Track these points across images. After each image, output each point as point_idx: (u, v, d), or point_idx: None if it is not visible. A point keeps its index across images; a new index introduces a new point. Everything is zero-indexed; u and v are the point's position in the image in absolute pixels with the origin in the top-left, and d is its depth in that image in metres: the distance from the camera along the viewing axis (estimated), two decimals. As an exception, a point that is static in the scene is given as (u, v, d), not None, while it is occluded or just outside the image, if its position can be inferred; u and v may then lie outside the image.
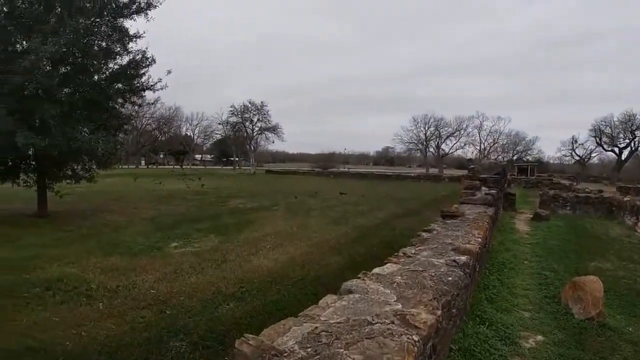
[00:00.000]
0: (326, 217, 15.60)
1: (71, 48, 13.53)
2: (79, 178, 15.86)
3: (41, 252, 10.10)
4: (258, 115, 68.47)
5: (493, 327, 5.04)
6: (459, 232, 6.59)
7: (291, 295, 6.75)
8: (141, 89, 16.49)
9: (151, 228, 13.44)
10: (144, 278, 7.96)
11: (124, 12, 15.22)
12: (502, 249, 9.55)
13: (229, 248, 10.45)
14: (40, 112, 12.81)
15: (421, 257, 4.89)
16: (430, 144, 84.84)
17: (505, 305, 5.96)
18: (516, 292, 6.70)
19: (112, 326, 5.78)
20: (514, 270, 8.02)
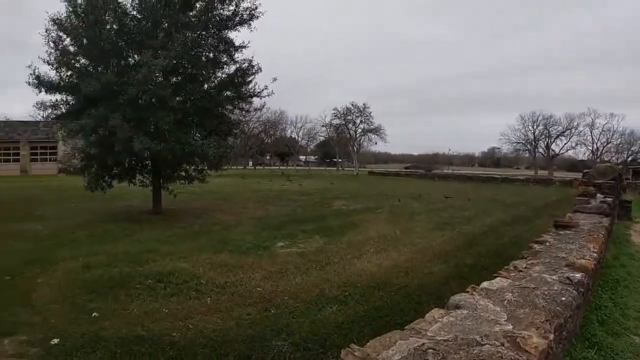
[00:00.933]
0: (431, 221, 15.19)
1: (181, 60, 14.40)
2: (191, 179, 16.78)
3: (155, 246, 10.75)
4: (361, 117, 68.74)
5: (602, 352, 4.59)
6: (573, 245, 6.11)
7: (394, 302, 6.55)
8: (248, 95, 17.08)
9: (259, 227, 13.79)
10: (251, 276, 8.16)
11: (228, 24, 15.85)
12: (617, 265, 8.67)
13: (333, 250, 10.44)
14: (155, 119, 13.72)
15: (533, 273, 4.57)
16: (539, 143, 78.80)
17: (616, 328, 5.39)
18: (629, 313, 6.01)
19: (218, 321, 5.97)
20: (628, 289, 7.22)
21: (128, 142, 13.24)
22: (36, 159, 48.27)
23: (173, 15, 14.19)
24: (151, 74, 13.16)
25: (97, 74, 14.07)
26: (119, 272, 8.23)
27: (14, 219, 14.78)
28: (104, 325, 5.80)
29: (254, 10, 15.77)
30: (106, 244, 11.01)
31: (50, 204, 19.29)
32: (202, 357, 4.96)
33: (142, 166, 16.47)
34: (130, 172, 16.24)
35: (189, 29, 14.78)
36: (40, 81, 14.54)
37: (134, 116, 13.74)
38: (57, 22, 14.41)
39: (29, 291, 7.32)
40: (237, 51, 16.31)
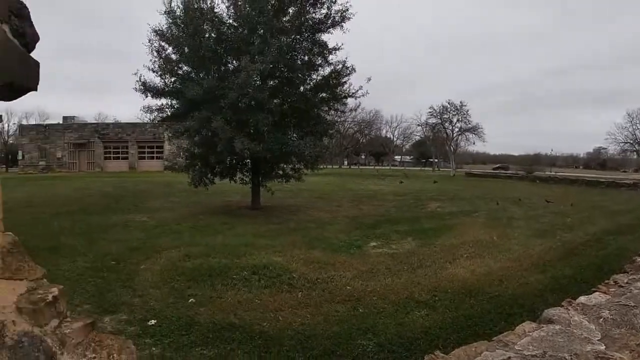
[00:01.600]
0: (530, 228, 14.46)
1: (277, 64, 14.81)
2: (288, 177, 17.37)
3: (252, 240, 11.19)
4: (457, 116, 66.29)
5: None
6: (681, 260, 5.65)
7: (484, 312, 6.32)
8: (343, 96, 17.29)
9: (352, 226, 13.89)
10: (342, 274, 8.26)
11: (321, 27, 16.13)
12: None
13: (425, 253, 10.27)
14: (254, 121, 14.32)
15: (634, 289, 4.25)
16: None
17: None
18: None
19: (307, 315, 6.13)
20: None
21: (229, 142, 13.92)
22: (144, 157, 53.20)
23: (267, 22, 14.63)
24: (249, 78, 13.68)
25: (199, 79, 14.98)
26: (217, 263, 8.71)
27: (123, 211, 16.09)
28: (199, 311, 6.18)
29: (345, 12, 15.91)
30: (206, 236, 11.67)
31: (156, 198, 20.72)
32: (288, 348, 5.11)
33: (242, 165, 17.27)
34: (231, 170, 17.07)
35: (284, 34, 15.27)
36: (146, 87, 15.90)
37: (234, 118, 14.43)
38: (159, 33, 15.62)
39: (132, 275, 7.98)
40: (331, 53, 16.55)
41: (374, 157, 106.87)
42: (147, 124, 49.01)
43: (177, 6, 15.25)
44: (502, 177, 54.88)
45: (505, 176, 56.29)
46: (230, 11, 15.64)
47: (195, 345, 5.16)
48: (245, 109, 14.51)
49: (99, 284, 7.44)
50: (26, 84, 1.93)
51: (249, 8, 14.75)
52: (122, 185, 27.41)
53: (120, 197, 20.50)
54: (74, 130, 53.13)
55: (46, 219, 14.01)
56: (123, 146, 53.09)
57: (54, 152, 52.32)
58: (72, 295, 6.32)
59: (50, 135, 52.66)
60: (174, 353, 4.96)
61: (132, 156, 52.75)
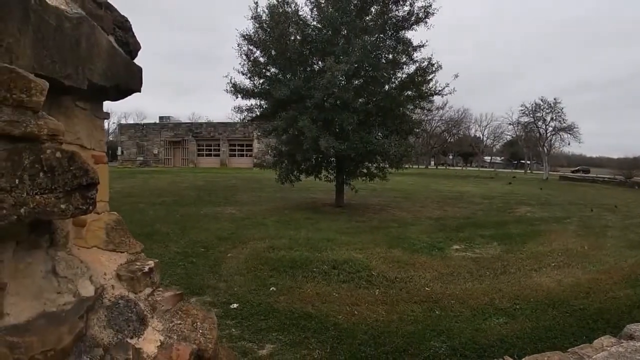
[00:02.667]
0: (625, 238, 13.52)
1: (361, 63, 14.90)
2: (372, 176, 17.46)
3: (334, 236, 11.42)
4: (551, 114, 62.44)
5: None
6: None
7: (566, 325, 6.06)
8: (429, 94, 17.14)
9: (435, 228, 13.75)
10: (421, 275, 8.25)
11: (404, 24, 16.12)
12: None
13: (510, 259, 9.97)
14: (339, 120, 14.63)
15: None
16: None
17: None
18: None
19: (382, 312, 6.22)
20: None
21: (315, 141, 14.28)
22: (234, 154, 56.09)
23: (351, 22, 14.87)
24: (334, 78, 13.98)
25: (286, 80, 15.50)
26: (299, 255, 9.04)
27: (213, 203, 16.97)
28: (278, 299, 6.50)
29: (428, 8, 15.85)
30: (291, 230, 12.11)
31: (245, 192, 21.64)
32: (360, 342, 5.23)
33: (327, 163, 17.59)
34: (316, 167, 17.45)
35: (367, 33, 15.43)
36: (236, 89, 16.63)
37: (320, 117, 14.78)
38: (246, 37, 16.29)
39: (219, 262, 8.53)
40: (416, 50, 16.50)
41: (462, 158, 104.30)
42: (237, 124, 51.68)
43: (263, 11, 15.87)
44: (599, 182, 51.63)
45: (603, 180, 52.88)
46: (314, 13, 16.11)
47: (272, 330, 5.44)
48: (331, 108, 14.81)
49: (188, 268, 8.03)
50: (131, 87, 2.22)
51: (332, 9, 15.04)
52: (213, 180, 28.81)
53: (212, 191, 21.55)
54: (169, 129, 57.57)
55: (143, 208, 15.09)
56: (215, 144, 56.27)
57: (151, 149, 56.94)
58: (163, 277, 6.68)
59: (147, 133, 57.58)
60: (252, 335, 5.27)
61: (223, 153, 55.68)
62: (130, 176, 30.55)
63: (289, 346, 5.03)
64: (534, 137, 68.46)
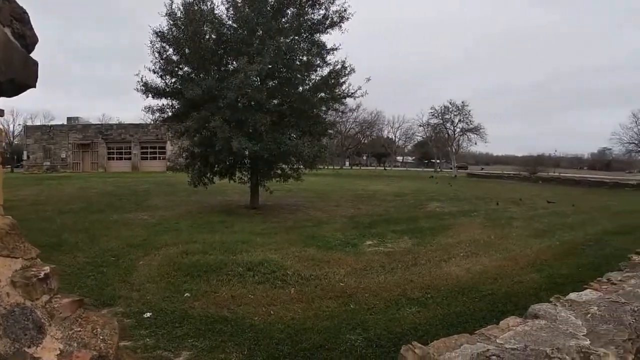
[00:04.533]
0: (529, 228, 14.49)
1: (275, 64, 14.90)
2: (287, 177, 17.35)
3: (249, 238, 11.30)
4: (459, 116, 66.17)
5: None
6: (681, 256, 5.69)
7: (476, 309, 6.42)
8: (342, 96, 17.33)
9: (349, 225, 13.96)
10: (335, 271, 8.36)
11: (319, 28, 16.33)
12: None
13: (421, 251, 10.35)
14: (252, 121, 14.46)
15: (627, 286, 4.29)
16: None
17: None
18: None
19: (298, 310, 6.25)
20: None
21: (228, 142, 14.05)
22: (146, 157, 53.65)
23: (266, 23, 14.77)
24: (247, 78, 13.80)
25: (198, 80, 15.11)
26: (213, 259, 8.86)
27: (124, 209, 16.24)
28: (193, 305, 6.33)
29: (343, 13, 16.07)
30: (205, 234, 11.80)
31: (157, 196, 20.87)
32: (277, 341, 5.23)
33: (241, 164, 17.33)
34: (230, 169, 17.17)
35: (282, 35, 15.39)
36: (147, 88, 16.03)
37: (233, 118, 14.54)
38: (159, 34, 15.74)
39: (131, 270, 8.16)
40: (329, 53, 16.70)
41: (376, 158, 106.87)
42: (149, 125, 49.48)
43: (178, 8, 15.42)
44: (505, 178, 54.90)
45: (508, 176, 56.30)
46: (230, 12, 15.80)
47: (188, 337, 5.29)
48: (244, 109, 14.67)
49: (98, 279, 7.61)
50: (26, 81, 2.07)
51: (248, 9, 14.88)
52: (124, 185, 27.55)
53: (123, 197, 20.61)
54: (77, 131, 53.86)
55: (50, 216, 14.19)
56: (126, 147, 53.46)
57: (58, 153, 53.05)
58: (72, 289, 6.42)
59: (54, 135, 53.51)
60: (167, 344, 5.09)
61: (135, 156, 53.05)
62: (37, 183, 28.72)
63: (205, 352, 4.92)
64: (443, 138, 71.75)
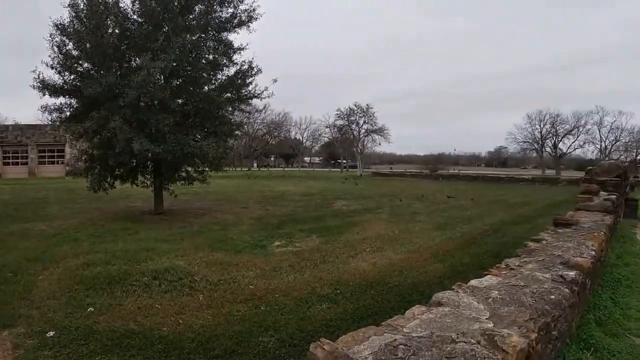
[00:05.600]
0: (431, 222, 15.17)
1: (180, 63, 14.49)
2: (192, 179, 16.80)
3: (154, 245, 10.83)
4: (364, 118, 68.31)
5: (598, 354, 4.49)
6: (570, 243, 6.08)
7: (385, 301, 6.62)
8: (249, 97, 17.09)
9: (257, 227, 13.84)
10: (244, 274, 8.23)
11: (227, 26, 15.97)
12: (620, 264, 8.58)
13: (328, 249, 10.49)
14: (155, 121, 13.85)
15: (524, 271, 4.54)
16: (546, 143, 78.26)
17: (616, 329, 5.26)
18: (630, 314, 5.88)
19: (208, 317, 6.07)
20: (631, 289, 7.11)
21: (128, 143, 13.30)
22: (44, 162, 48.94)
23: (173, 19, 14.28)
24: (150, 76, 13.19)
25: (99, 77, 14.13)
26: (117, 270, 8.35)
27: (21, 219, 14.94)
28: (98, 320, 5.94)
29: (252, 12, 15.83)
30: (107, 243, 11.16)
31: (56, 204, 19.50)
32: (189, 350, 5.06)
33: (144, 167, 16.56)
34: (132, 173, 16.34)
35: (189, 32, 14.91)
36: (44, 85, 14.66)
37: (134, 118, 13.89)
38: (59, 27, 14.54)
39: (30, 287, 7.49)
40: (236, 53, 16.38)
41: (284, 159, 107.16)
42: (47, 126, 44.78)
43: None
44: (407, 176, 57.10)
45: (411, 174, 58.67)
46: (136, 6, 14.86)
47: (94, 354, 4.98)
48: (146, 108, 14.05)
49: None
50: None
51: (155, 3, 14.22)
52: (21, 193, 25.47)
53: (19, 205, 19.01)
54: None
55: None
56: (22, 150, 48.31)
57: None
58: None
59: None
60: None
61: (32, 161, 48.08)
62: None
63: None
64: (349, 139, 73.48)
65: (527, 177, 51.44)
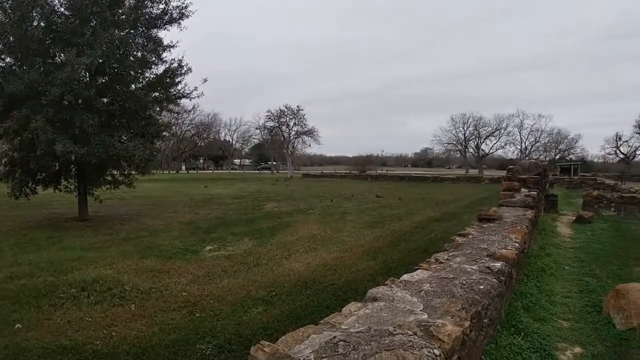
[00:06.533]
0: (361, 220, 15.45)
1: (107, 59, 13.85)
2: (118, 183, 16.20)
3: (80, 254, 10.35)
4: (294, 119, 68.51)
5: (529, 338, 4.74)
6: (495, 237, 6.37)
7: (320, 300, 6.69)
8: (177, 97, 16.65)
9: (187, 232, 13.55)
10: (177, 281, 8.04)
11: (157, 22, 15.50)
12: (543, 254, 9.12)
13: (261, 251, 10.46)
14: (79, 121, 13.14)
15: (453, 264, 4.73)
16: (469, 144, 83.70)
17: (542, 314, 5.63)
18: (555, 300, 6.34)
19: (142, 327, 5.87)
20: (554, 277, 7.63)
21: (50, 145, 12.56)
22: None
23: (101, 13, 13.63)
24: (75, 73, 12.56)
25: (21, 73, 13.26)
26: (43, 282, 7.93)
27: None
28: (27, 337, 5.62)
29: (184, 9, 15.49)
30: (31, 253, 10.56)
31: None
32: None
33: (67, 171, 15.70)
34: (55, 177, 15.49)
35: (117, 27, 14.26)
36: None
37: (57, 118, 13.12)
38: None
39: None
40: (166, 50, 15.93)
41: (213, 161, 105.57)
42: None
43: None
44: (337, 177, 57.95)
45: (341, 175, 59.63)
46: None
47: (27, 374, 4.70)
48: (70, 107, 13.32)
49: None
50: None
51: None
52: None
53: None
54: None
55: None
56: None
57: None
58: None
59: None
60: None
61: None
62: None
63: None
64: (279, 140, 73.48)
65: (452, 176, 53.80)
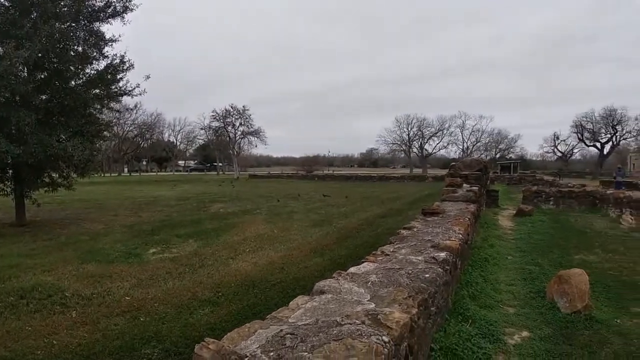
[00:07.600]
0: (308, 219, 15.49)
1: (47, 53, 13.21)
2: (56, 186, 15.48)
3: (18, 261, 9.85)
4: (240, 120, 67.88)
5: (476, 325, 4.84)
6: (439, 229, 6.46)
7: (268, 298, 6.62)
8: (119, 94, 16.12)
9: (130, 235, 13.13)
10: (119, 285, 7.76)
11: (100, 15, 14.90)
12: (486, 245, 9.42)
13: (207, 253, 10.28)
14: (15, 119, 12.42)
15: (399, 255, 4.73)
16: (413, 144, 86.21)
17: (488, 301, 5.80)
18: (500, 288, 6.56)
19: (84, 334, 5.61)
20: (498, 266, 7.90)
21: None
22: None
23: (42, 4, 12.98)
24: (12, 67, 11.89)
25: None
26: (-23, 292, 7.48)
27: None
28: None
29: (128, 3, 15.05)
30: (-36, 262, 9.93)
31: None
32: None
33: (3, 172, 14.77)
34: None
35: (58, 20, 13.60)
36: None
37: None
38: None
39: None
40: (108, 45, 15.39)
41: (157, 163, 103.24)
42: None
43: None
44: (284, 177, 58.13)
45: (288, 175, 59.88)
46: None
47: (-34, 390, 4.39)
48: (6, 104, 12.60)
49: None
50: None
51: None
52: None
53: None
54: None
55: None
56: None
57: None
58: None
59: None
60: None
61: None
62: None
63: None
64: (225, 141, 72.71)
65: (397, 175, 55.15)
